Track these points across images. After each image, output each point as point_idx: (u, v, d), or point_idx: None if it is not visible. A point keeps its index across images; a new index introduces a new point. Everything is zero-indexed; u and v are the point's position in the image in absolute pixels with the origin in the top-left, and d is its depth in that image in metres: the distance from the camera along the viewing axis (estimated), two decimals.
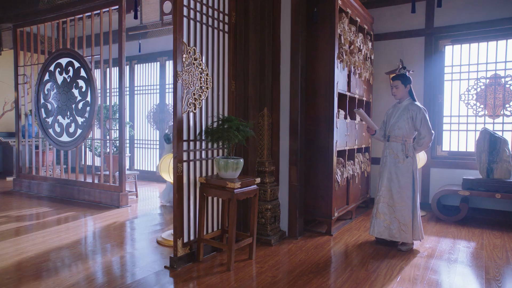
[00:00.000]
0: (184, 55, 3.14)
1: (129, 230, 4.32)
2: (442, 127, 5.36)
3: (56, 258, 3.32)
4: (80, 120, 5.81)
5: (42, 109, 6.32)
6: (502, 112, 4.96)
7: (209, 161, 3.51)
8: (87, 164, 8.21)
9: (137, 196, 6.11)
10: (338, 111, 4.22)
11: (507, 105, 4.92)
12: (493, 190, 4.48)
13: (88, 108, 5.69)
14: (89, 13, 5.64)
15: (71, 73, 5.91)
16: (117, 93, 5.55)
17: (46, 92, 6.26)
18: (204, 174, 3.44)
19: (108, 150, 6.39)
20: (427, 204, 5.26)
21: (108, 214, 4.99)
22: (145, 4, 5.10)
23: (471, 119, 5.17)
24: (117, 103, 6.49)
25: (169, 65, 7.80)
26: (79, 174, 6.18)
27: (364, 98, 5.08)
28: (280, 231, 3.98)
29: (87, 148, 6.34)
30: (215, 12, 3.52)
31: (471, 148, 5.16)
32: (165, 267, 3.13)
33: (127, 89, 8.58)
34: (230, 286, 2.78)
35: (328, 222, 4.11)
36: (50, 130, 6.19)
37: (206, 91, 3.41)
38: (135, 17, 4.40)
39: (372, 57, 5.36)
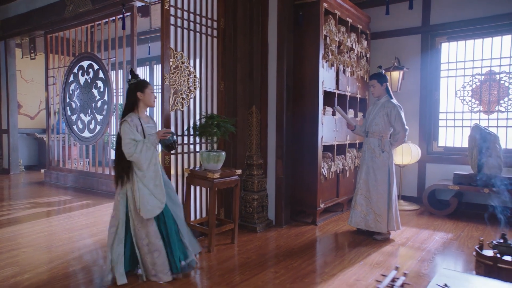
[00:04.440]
0: (171, 59, 3.52)
1: None
2: (438, 123, 5.45)
3: (70, 236, 3.83)
4: (99, 117, 6.38)
5: (68, 108, 6.97)
6: (496, 108, 4.98)
7: (197, 154, 3.89)
8: (107, 157, 8.88)
9: None
10: (325, 108, 4.46)
11: (501, 101, 4.95)
12: (481, 185, 4.56)
13: (105, 107, 6.25)
14: (106, 20, 6.19)
15: (91, 75, 6.50)
16: None
17: (71, 92, 6.91)
18: (192, 166, 3.83)
19: None
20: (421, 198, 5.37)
21: None
22: (153, 10, 5.57)
23: (467, 115, 5.23)
24: None
25: None
26: (100, 167, 6.77)
27: (358, 95, 5.27)
28: (268, 219, 4.30)
29: (105, 143, 6.92)
30: (203, 19, 3.88)
31: (466, 144, 5.20)
32: None
33: None
34: (208, 264, 3.14)
35: (314, 213, 4.37)
36: (74, 127, 6.83)
37: (194, 91, 3.78)
38: (123, 27, 4.88)
39: (368, 56, 5.52)
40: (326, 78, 4.42)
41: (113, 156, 7.90)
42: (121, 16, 5.35)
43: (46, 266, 3.05)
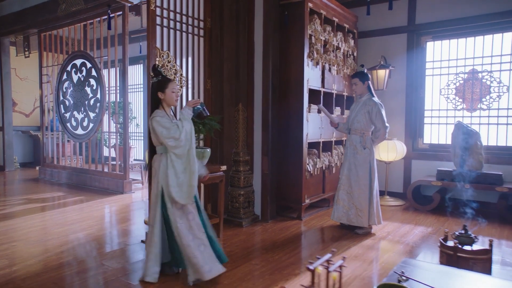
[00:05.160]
0: (158, 58, 3.62)
1: (125, 211, 4.91)
2: (423, 121, 5.56)
3: (61, 231, 3.94)
4: (92, 115, 6.48)
5: (61, 105, 7.07)
6: (479, 106, 5.10)
7: None
8: (100, 154, 8.97)
9: (143, 184, 6.73)
10: (310, 106, 4.56)
11: (483, 99, 5.06)
12: (463, 181, 4.68)
13: (98, 104, 6.35)
14: (98, 19, 6.27)
15: (84, 73, 6.59)
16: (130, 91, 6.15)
17: (64, 90, 7.00)
18: None
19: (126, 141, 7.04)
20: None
21: (111, 198, 5.62)
22: (144, 10, 5.66)
23: (451, 112, 5.34)
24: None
25: None
26: (93, 164, 6.88)
27: (345, 93, 5.37)
28: (254, 214, 4.41)
29: (98, 141, 7.03)
30: (190, 19, 3.98)
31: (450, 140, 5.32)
32: (142, 241, 3.65)
33: (142, 85, 9.26)
34: None
35: (299, 208, 4.49)
36: (68, 124, 6.93)
37: (180, 90, 3.88)
38: (109, 27, 4.98)
39: (355, 54, 5.62)
40: (311, 77, 4.52)
41: (105, 153, 8.02)
42: (112, 15, 5.44)
43: (35, 259, 3.16)
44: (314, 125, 4.62)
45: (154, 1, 3.55)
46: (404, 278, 1.79)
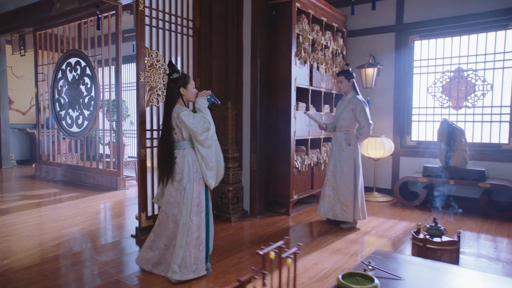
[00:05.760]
0: (147, 58, 3.72)
1: (118, 207, 5.01)
2: (411, 118, 5.67)
3: (53, 226, 4.05)
4: (86, 113, 6.57)
5: (57, 103, 7.16)
6: (464, 104, 5.21)
7: None
8: (95, 152, 9.07)
9: (137, 181, 6.82)
10: (298, 104, 4.66)
11: (468, 97, 5.17)
12: (448, 177, 4.79)
13: (92, 102, 6.44)
14: (92, 18, 6.35)
15: (78, 71, 6.68)
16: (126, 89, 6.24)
17: (59, 88, 7.09)
18: None
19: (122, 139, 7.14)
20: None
21: (105, 195, 5.73)
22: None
23: (438, 110, 5.45)
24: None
25: None
26: (88, 161, 6.98)
27: (334, 92, 5.47)
28: (243, 210, 4.52)
29: (92, 138, 7.13)
30: (179, 19, 4.07)
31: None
32: (132, 235, 3.76)
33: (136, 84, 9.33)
34: None
35: (287, 204, 4.60)
36: (63, 122, 7.02)
37: None
38: (98, 27, 5.07)
39: (344, 53, 5.71)
40: (299, 75, 4.61)
41: (100, 151, 8.10)
42: (106, 15, 5.52)
43: (26, 253, 3.26)
44: (302, 122, 4.72)
45: (142, 1, 3.64)
46: (370, 267, 1.89)
